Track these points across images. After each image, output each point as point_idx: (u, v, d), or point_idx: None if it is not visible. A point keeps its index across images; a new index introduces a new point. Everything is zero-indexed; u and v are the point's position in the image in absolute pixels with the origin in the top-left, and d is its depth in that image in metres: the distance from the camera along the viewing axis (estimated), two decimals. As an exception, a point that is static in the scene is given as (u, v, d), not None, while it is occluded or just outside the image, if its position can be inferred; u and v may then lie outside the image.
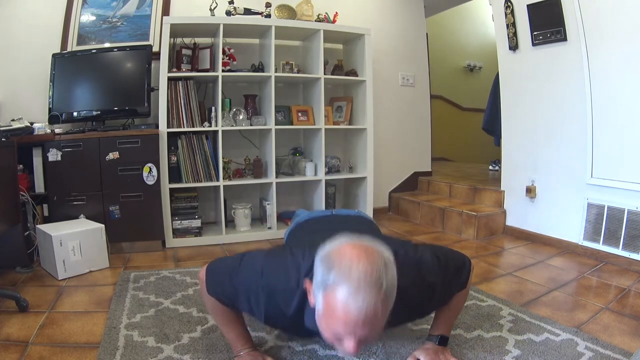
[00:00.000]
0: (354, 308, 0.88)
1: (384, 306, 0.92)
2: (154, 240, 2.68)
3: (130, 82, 2.77)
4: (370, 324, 0.91)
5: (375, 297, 0.89)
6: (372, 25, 3.36)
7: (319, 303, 0.95)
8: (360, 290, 0.88)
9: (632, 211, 2.21)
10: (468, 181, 3.55)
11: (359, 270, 0.90)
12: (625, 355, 1.35)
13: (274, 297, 1.12)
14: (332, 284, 0.91)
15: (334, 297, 0.90)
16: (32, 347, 1.44)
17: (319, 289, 0.95)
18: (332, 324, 0.93)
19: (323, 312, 0.94)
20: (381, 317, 0.92)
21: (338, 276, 0.91)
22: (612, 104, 2.28)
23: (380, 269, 0.91)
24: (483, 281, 2.09)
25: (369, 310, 0.89)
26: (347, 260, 0.91)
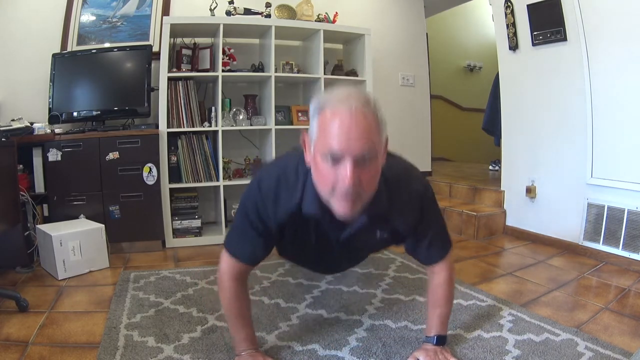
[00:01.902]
0: (345, 108, 0.94)
1: (374, 118, 0.98)
2: (154, 240, 2.68)
3: (130, 82, 2.77)
4: (363, 130, 0.94)
5: (363, 104, 0.96)
6: (372, 25, 3.36)
7: (314, 131, 1.00)
8: (350, 98, 0.96)
9: (632, 211, 2.21)
10: (468, 181, 3.55)
11: (348, 89, 1.00)
12: (625, 355, 1.35)
13: (280, 194, 1.15)
14: (323, 103, 0.99)
15: (326, 112, 0.97)
16: (32, 347, 1.44)
17: (313, 118, 1.01)
18: (325, 143, 0.96)
19: (317, 137, 0.99)
20: (373, 127, 0.97)
21: (329, 96, 1.00)
22: (612, 104, 2.28)
23: (370, 96, 1.01)
24: (483, 281, 2.09)
25: (359, 111, 0.94)
26: (338, 87, 1.02)
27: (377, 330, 1.55)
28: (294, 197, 1.14)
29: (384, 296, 1.86)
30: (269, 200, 1.17)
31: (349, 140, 0.93)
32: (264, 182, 1.19)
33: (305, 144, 1.07)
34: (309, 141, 1.05)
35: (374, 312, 1.70)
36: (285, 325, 1.59)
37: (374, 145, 0.97)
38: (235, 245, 1.27)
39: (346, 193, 0.97)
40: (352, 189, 0.96)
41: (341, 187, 0.97)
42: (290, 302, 1.80)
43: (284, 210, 1.16)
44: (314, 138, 1.01)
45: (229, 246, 1.28)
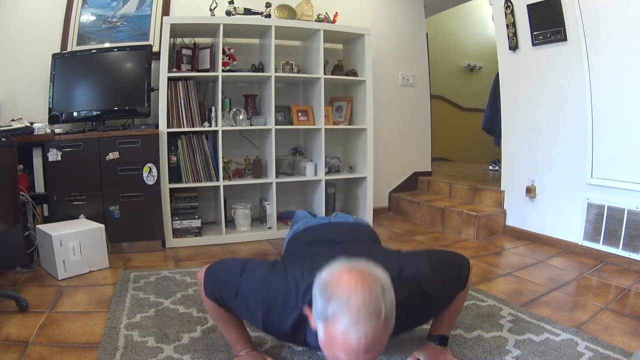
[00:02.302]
0: (355, 339, 0.89)
1: (385, 332, 0.93)
2: (154, 240, 2.68)
3: (130, 82, 2.77)
4: (372, 350, 0.92)
5: (375, 325, 0.90)
6: (372, 25, 3.36)
7: (320, 332, 0.96)
8: (360, 321, 0.89)
9: (632, 211, 2.21)
10: (468, 181, 3.55)
11: (357, 300, 0.90)
12: (625, 355, 1.35)
13: (272, 311, 1.14)
14: (331, 316, 0.91)
15: (334, 329, 0.91)
16: (32, 347, 1.44)
17: (319, 319, 0.96)
18: (334, 352, 0.94)
19: (325, 341, 0.95)
20: (382, 342, 0.94)
21: (337, 308, 0.91)
22: (612, 103, 2.28)
23: (378, 295, 0.92)
24: (483, 281, 2.09)
25: (369, 339, 0.90)
26: (345, 290, 0.91)
27: (377, 330, 1.54)
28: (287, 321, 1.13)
29: (384, 296, 1.86)
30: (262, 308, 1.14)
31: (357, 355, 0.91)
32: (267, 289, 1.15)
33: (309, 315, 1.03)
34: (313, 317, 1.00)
35: (374, 312, 1.70)
36: (285, 325, 1.58)
37: (380, 350, 0.96)
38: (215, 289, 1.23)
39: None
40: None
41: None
42: (290, 302, 1.80)
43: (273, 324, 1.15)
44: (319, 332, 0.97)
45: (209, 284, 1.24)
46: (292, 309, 1.11)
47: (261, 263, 1.24)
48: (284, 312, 1.12)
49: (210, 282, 1.23)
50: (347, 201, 3.53)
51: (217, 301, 1.23)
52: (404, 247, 2.70)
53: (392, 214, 3.77)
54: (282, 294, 1.13)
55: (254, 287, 1.16)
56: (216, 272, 1.25)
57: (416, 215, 3.46)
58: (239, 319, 1.32)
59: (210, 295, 1.23)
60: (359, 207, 3.33)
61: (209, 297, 1.23)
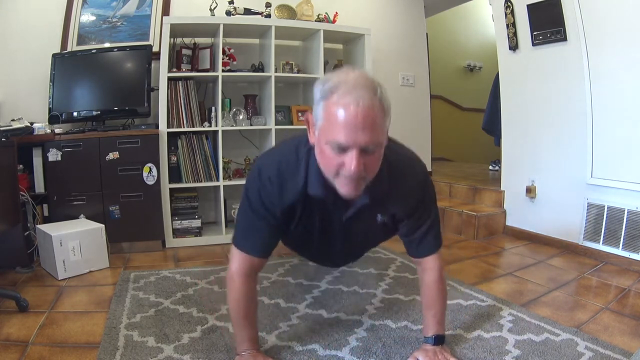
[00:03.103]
0: (352, 101, 0.95)
1: (381, 109, 0.98)
2: (154, 240, 2.68)
3: (130, 82, 2.77)
4: (370, 124, 0.96)
5: (370, 95, 0.96)
6: (372, 25, 3.36)
7: (320, 117, 1.01)
8: (357, 87, 0.96)
9: (632, 211, 2.21)
10: (468, 181, 3.55)
11: (354, 74, 0.99)
12: (625, 355, 1.35)
13: (284, 179, 1.17)
14: (329, 89, 0.98)
15: (332, 100, 0.97)
16: (32, 347, 1.44)
17: (318, 103, 1.01)
18: (332, 134, 0.98)
19: (322, 124, 1.00)
20: (379, 119, 0.98)
21: (335, 82, 0.99)
22: (612, 103, 2.28)
23: (375, 81, 1.01)
24: (483, 281, 2.09)
25: (366, 104, 0.95)
26: (344, 72, 1.02)
27: (377, 330, 1.55)
28: (298, 179, 1.16)
29: (384, 296, 1.86)
30: (274, 187, 1.18)
31: (355, 134, 0.96)
32: (265, 169, 1.20)
33: (309, 124, 1.09)
34: (313, 123, 1.06)
35: (374, 312, 1.71)
36: (285, 325, 1.59)
37: (379, 135, 1.00)
38: (244, 240, 1.26)
39: (351, 178, 1.02)
40: (357, 174, 1.01)
41: (346, 172, 1.01)
42: (290, 302, 1.80)
43: (289, 194, 1.18)
44: (318, 123, 1.03)
45: (238, 242, 1.27)
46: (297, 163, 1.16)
47: None
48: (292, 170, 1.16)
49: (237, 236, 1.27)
50: (347, 201, 3.52)
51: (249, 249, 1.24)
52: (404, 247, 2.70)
53: (392, 214, 3.76)
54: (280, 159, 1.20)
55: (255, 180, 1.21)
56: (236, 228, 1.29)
57: (416, 215, 3.45)
58: (255, 317, 1.33)
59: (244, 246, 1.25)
60: (359, 207, 3.33)
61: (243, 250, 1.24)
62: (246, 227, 1.26)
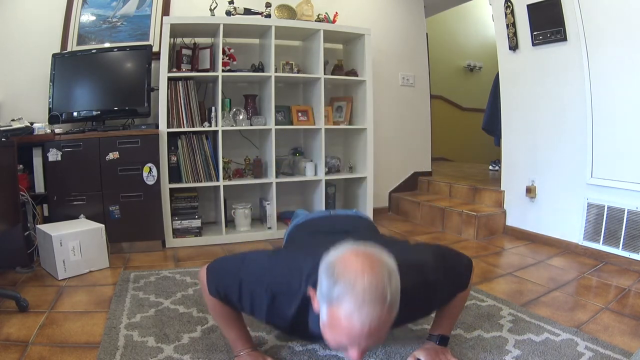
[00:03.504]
0: (358, 323, 0.89)
1: (388, 317, 0.92)
2: (154, 240, 2.68)
3: (130, 82, 2.77)
4: (375, 335, 0.92)
5: (379, 310, 0.89)
6: (372, 25, 3.35)
7: (324, 314, 0.95)
8: (365, 305, 0.88)
9: (632, 211, 2.21)
10: (468, 181, 3.55)
11: (363, 284, 0.89)
12: (625, 355, 1.35)
13: (277, 297, 1.12)
14: (336, 298, 0.91)
15: (338, 311, 0.90)
16: (32, 347, 1.44)
17: (323, 301, 0.95)
18: (336, 335, 0.93)
19: (327, 323, 0.95)
20: (385, 327, 0.93)
21: (342, 290, 0.90)
22: (612, 103, 2.28)
23: (385, 280, 0.91)
24: (483, 281, 2.09)
25: (373, 324, 0.89)
26: (352, 273, 0.90)
27: (377, 330, 1.55)
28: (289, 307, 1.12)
29: (384, 296, 1.86)
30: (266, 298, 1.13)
31: (359, 340, 0.91)
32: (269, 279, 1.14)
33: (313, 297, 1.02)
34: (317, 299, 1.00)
35: (374, 312, 1.70)
36: (285, 325, 1.59)
37: (383, 338, 0.96)
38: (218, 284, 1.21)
39: None
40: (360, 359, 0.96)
41: (349, 357, 0.96)
42: (290, 302, 1.80)
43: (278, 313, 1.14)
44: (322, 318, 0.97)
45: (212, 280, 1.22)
46: (296, 292, 1.09)
47: (261, 251, 1.23)
48: (288, 298, 1.11)
49: (212, 278, 1.22)
50: (347, 201, 3.53)
51: (221, 298, 1.21)
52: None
53: (392, 214, 3.77)
54: (286, 277, 1.12)
55: (257, 274, 1.15)
56: (218, 267, 1.24)
57: (416, 215, 3.46)
58: (240, 318, 1.31)
59: (214, 292, 1.21)
60: (358, 207, 3.33)
61: (212, 294, 1.22)
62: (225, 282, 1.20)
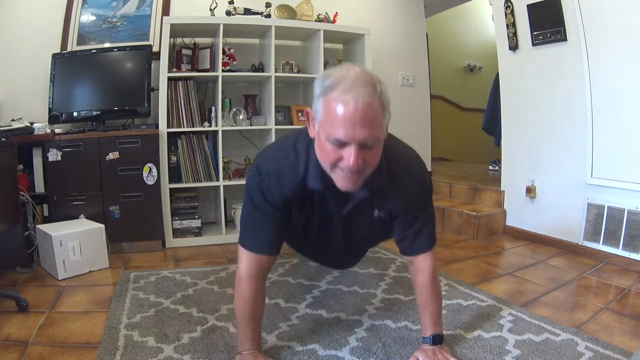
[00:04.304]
0: (351, 98, 0.96)
1: (380, 105, 0.99)
2: (154, 240, 2.68)
3: (130, 82, 2.77)
4: (368, 120, 0.97)
5: (370, 91, 0.97)
6: (372, 25, 3.36)
7: (319, 112, 1.02)
8: (356, 85, 0.97)
9: (632, 211, 2.21)
10: (468, 181, 3.55)
11: (355, 71, 1.00)
12: (625, 355, 1.35)
13: (281, 173, 1.18)
14: (329, 86, 0.99)
15: (331, 96, 0.98)
16: (32, 347, 1.44)
17: (318, 98, 1.02)
18: (331, 129, 0.99)
19: (322, 119, 1.01)
20: (378, 116, 0.99)
21: (335, 79, 1.00)
22: (612, 103, 2.28)
23: (375, 76, 1.02)
24: (483, 281, 2.09)
25: (365, 101, 0.96)
26: (344, 68, 1.03)
27: (377, 330, 1.55)
28: (297, 173, 1.17)
29: (384, 296, 1.86)
30: (272, 180, 1.19)
31: (354, 130, 0.97)
32: (264, 165, 1.22)
33: (309, 119, 1.11)
34: (313, 117, 1.08)
35: (374, 312, 1.71)
36: (285, 325, 1.59)
37: (378, 131, 1.01)
38: (250, 239, 1.26)
39: (349, 171, 1.03)
40: (355, 168, 1.02)
41: (345, 166, 1.02)
42: (290, 302, 1.80)
43: (288, 186, 1.19)
44: (318, 118, 1.04)
45: (244, 241, 1.27)
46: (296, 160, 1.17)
47: None
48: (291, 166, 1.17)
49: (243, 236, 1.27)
50: (347, 201, 3.52)
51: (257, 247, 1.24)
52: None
53: (392, 214, 3.76)
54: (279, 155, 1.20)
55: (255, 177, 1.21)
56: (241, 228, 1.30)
57: (416, 215, 3.45)
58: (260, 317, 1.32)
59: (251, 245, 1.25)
60: (359, 207, 3.33)
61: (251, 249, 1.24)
62: (251, 226, 1.26)
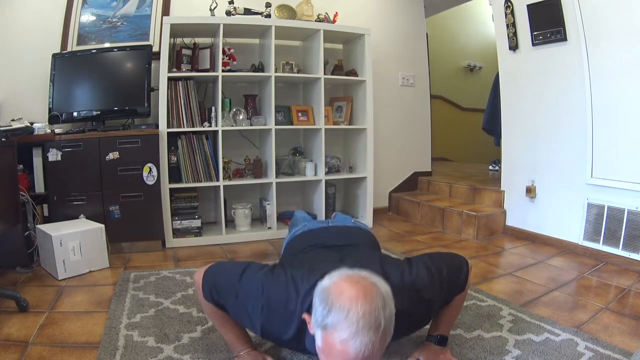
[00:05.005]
0: (353, 350, 0.89)
1: (382, 343, 0.93)
2: (154, 240, 2.68)
3: (130, 82, 2.77)
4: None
5: (373, 337, 0.90)
6: (372, 25, 3.36)
7: (319, 340, 0.96)
8: (359, 333, 0.89)
9: (632, 211, 2.21)
10: (468, 181, 3.55)
11: (357, 312, 0.89)
12: (625, 355, 1.35)
13: (272, 320, 1.13)
14: (330, 325, 0.91)
15: (332, 338, 0.91)
16: (32, 347, 1.44)
17: (318, 327, 0.95)
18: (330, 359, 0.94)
19: (322, 349, 0.95)
20: (379, 353, 0.94)
21: (336, 318, 0.91)
22: (612, 103, 2.28)
23: (378, 307, 0.91)
24: (483, 281, 2.09)
25: (367, 351, 0.90)
26: (346, 300, 0.91)
27: (377, 330, 1.54)
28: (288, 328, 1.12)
29: (384, 296, 1.86)
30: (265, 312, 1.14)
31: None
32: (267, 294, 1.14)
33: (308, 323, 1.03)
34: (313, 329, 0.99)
35: (374, 312, 1.70)
36: (285, 325, 1.58)
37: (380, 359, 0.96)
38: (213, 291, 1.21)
39: None
40: None
41: None
42: (290, 302, 1.80)
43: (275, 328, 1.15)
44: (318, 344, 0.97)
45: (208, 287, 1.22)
46: (292, 314, 1.10)
47: (260, 266, 1.23)
48: (285, 320, 1.12)
49: (208, 284, 1.22)
50: (347, 201, 3.53)
51: (215, 304, 1.23)
52: (404, 247, 2.70)
53: (392, 214, 3.77)
54: (282, 299, 1.12)
55: (254, 292, 1.15)
56: (215, 274, 1.24)
57: (416, 215, 3.46)
58: None
59: (209, 298, 1.22)
60: (359, 207, 3.33)
61: (207, 299, 1.23)
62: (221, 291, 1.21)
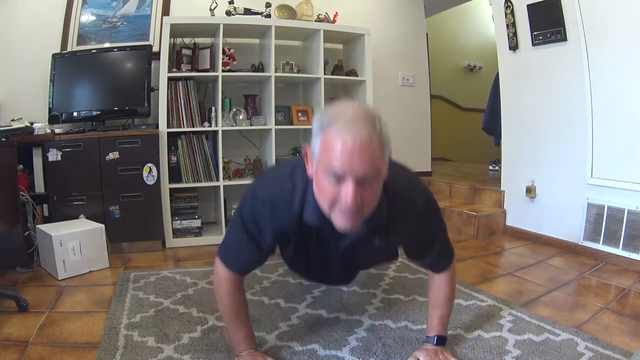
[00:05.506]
0: (349, 134, 0.93)
1: (379, 143, 0.96)
2: (154, 240, 2.68)
3: (130, 82, 2.77)
4: (367, 156, 0.94)
5: (369, 129, 0.94)
6: (372, 25, 3.36)
7: (317, 148, 0.99)
8: (356, 122, 0.94)
9: (632, 211, 2.21)
10: (468, 181, 3.55)
11: (354, 108, 0.98)
12: (625, 355, 1.35)
13: (277, 203, 1.15)
14: (328, 122, 0.97)
15: (330, 133, 0.96)
16: (32, 347, 1.44)
17: (316, 135, 1.00)
18: (328, 161, 0.95)
19: (320, 154, 0.98)
20: (377, 152, 0.96)
21: (334, 115, 0.97)
22: (612, 103, 2.28)
23: (375, 114, 0.99)
24: (483, 281, 2.09)
25: (364, 138, 0.93)
26: (343, 105, 1.00)
27: (377, 330, 1.55)
28: (292, 206, 1.13)
29: (384, 296, 1.86)
30: (266, 210, 1.16)
31: (351, 162, 0.93)
32: (259, 191, 1.19)
33: (307, 158, 1.07)
34: (311, 156, 1.04)
35: (374, 312, 1.70)
36: (285, 325, 1.59)
37: (377, 167, 0.97)
38: (230, 256, 1.26)
39: (347, 211, 0.98)
40: (353, 207, 0.96)
41: (343, 205, 0.97)
42: (290, 302, 1.80)
43: (282, 219, 1.16)
44: (316, 155, 1.00)
45: (224, 256, 1.27)
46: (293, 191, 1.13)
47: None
48: (287, 197, 1.14)
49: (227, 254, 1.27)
50: (347, 201, 3.52)
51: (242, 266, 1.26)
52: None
53: (392, 214, 3.76)
54: (277, 184, 1.17)
55: (250, 200, 1.20)
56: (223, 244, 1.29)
57: (416, 215, 3.45)
58: (248, 315, 1.33)
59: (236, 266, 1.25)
60: (359, 207, 3.33)
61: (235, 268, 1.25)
62: (235, 244, 1.25)
